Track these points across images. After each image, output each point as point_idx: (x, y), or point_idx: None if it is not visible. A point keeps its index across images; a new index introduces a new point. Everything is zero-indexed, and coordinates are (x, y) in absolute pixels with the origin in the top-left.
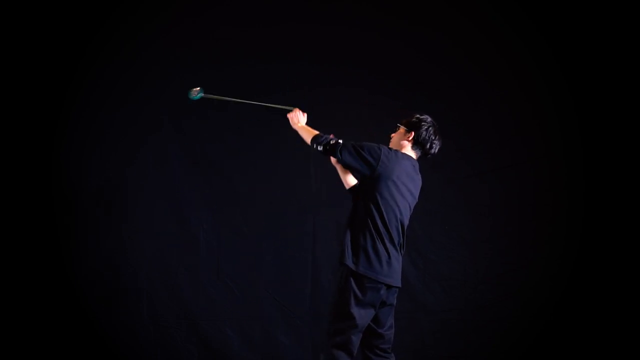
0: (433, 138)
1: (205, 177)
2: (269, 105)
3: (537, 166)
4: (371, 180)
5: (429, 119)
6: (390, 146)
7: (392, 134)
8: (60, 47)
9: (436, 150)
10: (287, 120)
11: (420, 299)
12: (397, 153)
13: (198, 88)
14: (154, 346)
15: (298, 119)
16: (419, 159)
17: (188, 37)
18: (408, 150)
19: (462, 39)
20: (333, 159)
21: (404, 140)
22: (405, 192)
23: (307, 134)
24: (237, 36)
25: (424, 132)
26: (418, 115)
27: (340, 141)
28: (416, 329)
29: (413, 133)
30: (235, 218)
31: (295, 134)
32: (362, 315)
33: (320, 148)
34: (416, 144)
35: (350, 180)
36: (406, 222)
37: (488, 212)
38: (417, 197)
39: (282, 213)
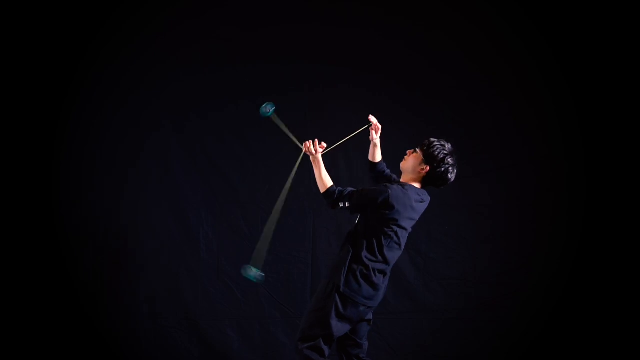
0: (449, 177)
1: (205, 177)
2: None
3: (537, 166)
4: (381, 215)
5: (451, 161)
6: (402, 165)
7: (409, 154)
8: (60, 47)
9: (447, 184)
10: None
11: (420, 298)
12: (407, 193)
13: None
14: (154, 346)
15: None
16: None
17: (188, 37)
18: (417, 182)
19: (462, 39)
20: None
21: (417, 172)
22: (408, 225)
23: (320, 180)
24: (237, 36)
25: (441, 173)
26: (444, 153)
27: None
28: (416, 329)
29: (429, 168)
30: (235, 218)
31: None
32: (339, 328)
33: (342, 204)
34: (427, 177)
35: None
36: (402, 248)
37: (488, 212)
38: (417, 219)
39: (282, 213)
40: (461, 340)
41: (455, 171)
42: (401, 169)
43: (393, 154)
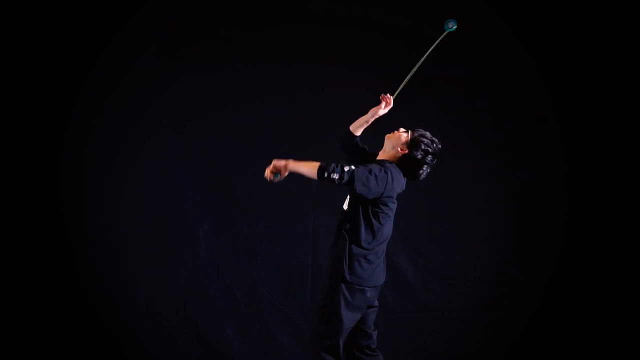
0: (419, 173)
1: (205, 177)
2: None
3: (537, 166)
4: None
5: (429, 159)
6: (388, 136)
7: (401, 131)
8: (60, 47)
9: (412, 179)
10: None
11: (420, 298)
12: (398, 170)
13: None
14: (154, 346)
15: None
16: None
17: (188, 37)
18: (394, 159)
19: (462, 39)
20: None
21: (396, 150)
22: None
23: (307, 167)
24: (238, 36)
25: (415, 163)
26: (428, 150)
27: (352, 169)
28: (416, 329)
29: (407, 152)
30: (235, 218)
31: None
32: (350, 318)
33: (335, 176)
34: (402, 160)
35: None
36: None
37: (488, 211)
38: None
39: (282, 213)
40: (461, 340)
41: (427, 172)
42: (385, 139)
43: None
